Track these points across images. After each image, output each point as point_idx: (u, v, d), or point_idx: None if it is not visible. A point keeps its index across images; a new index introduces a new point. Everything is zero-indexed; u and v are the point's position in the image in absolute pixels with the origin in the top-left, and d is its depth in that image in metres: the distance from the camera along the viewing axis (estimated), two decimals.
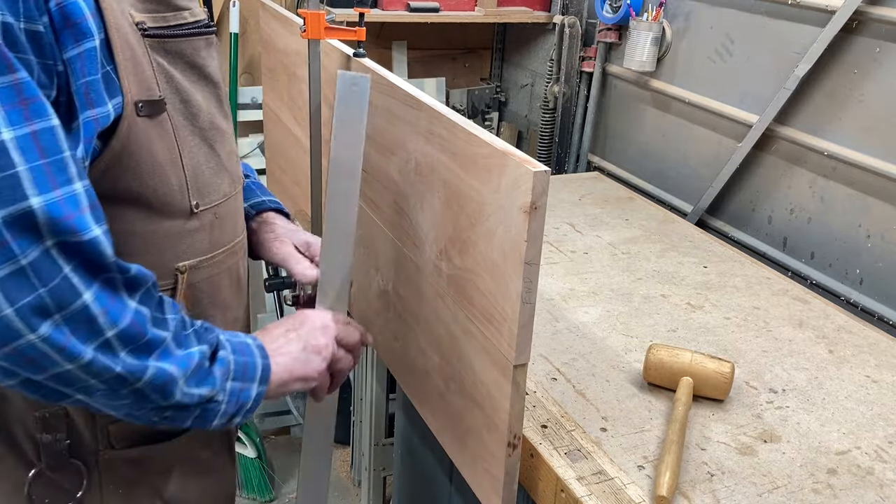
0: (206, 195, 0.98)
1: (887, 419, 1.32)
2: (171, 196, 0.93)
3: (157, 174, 0.90)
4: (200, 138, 0.96)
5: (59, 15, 0.76)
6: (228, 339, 0.91)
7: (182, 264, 0.97)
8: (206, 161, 0.98)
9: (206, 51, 0.97)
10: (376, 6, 2.53)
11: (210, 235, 1.00)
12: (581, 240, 1.94)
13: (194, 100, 0.95)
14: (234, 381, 0.88)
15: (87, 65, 0.79)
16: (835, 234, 1.83)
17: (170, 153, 0.91)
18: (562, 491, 1.13)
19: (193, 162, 0.95)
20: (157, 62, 0.89)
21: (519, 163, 0.91)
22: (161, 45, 0.90)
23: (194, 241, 0.98)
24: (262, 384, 0.92)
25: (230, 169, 1.04)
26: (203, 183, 0.97)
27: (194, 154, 0.95)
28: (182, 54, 0.93)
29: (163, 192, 0.92)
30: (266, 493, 2.69)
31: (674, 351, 1.34)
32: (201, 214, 0.97)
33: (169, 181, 0.92)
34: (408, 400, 1.40)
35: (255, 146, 2.73)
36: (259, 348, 0.93)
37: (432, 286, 1.18)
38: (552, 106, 2.63)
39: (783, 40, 1.89)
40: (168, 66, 0.91)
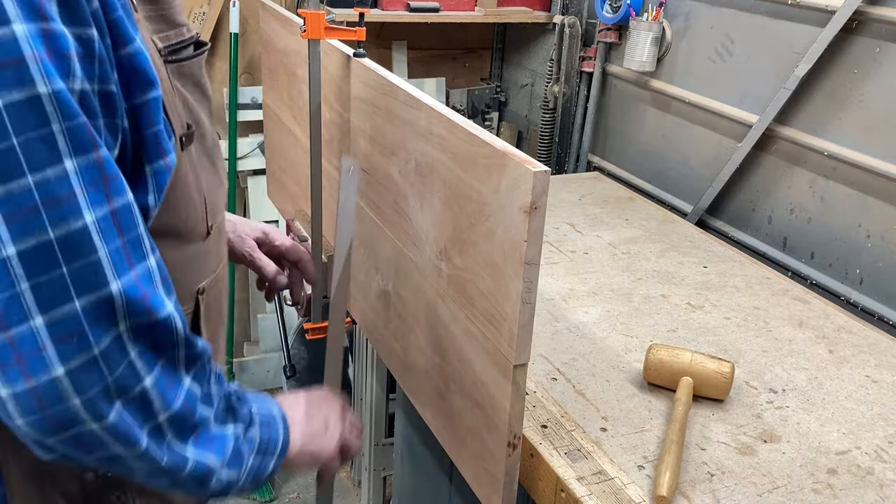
0: (216, 215, 0.97)
1: (887, 419, 1.32)
2: (196, 222, 0.91)
3: (190, 202, 0.88)
4: (207, 158, 0.94)
5: (129, 65, 0.73)
6: (257, 408, 0.89)
7: (200, 286, 0.96)
8: (212, 179, 0.96)
9: (204, 68, 0.95)
10: (376, 6, 2.53)
11: (217, 252, 1.00)
12: (581, 240, 1.94)
13: (202, 120, 0.92)
14: (256, 455, 0.87)
15: (154, 113, 0.76)
16: (835, 234, 1.83)
17: (195, 180, 0.89)
18: (562, 491, 1.13)
19: (207, 185, 0.94)
20: (177, 88, 0.87)
21: (519, 163, 0.91)
22: (178, 69, 0.87)
23: (207, 261, 0.97)
24: (280, 457, 0.91)
25: (224, 182, 1.03)
26: (213, 203, 0.96)
27: (207, 175, 0.94)
28: (191, 75, 0.90)
29: (192, 218, 0.90)
30: (266, 492, 2.69)
31: (674, 351, 1.34)
32: (212, 234, 0.96)
33: (196, 208, 0.90)
34: (408, 400, 1.40)
35: (255, 146, 2.73)
36: (283, 419, 0.92)
37: (432, 286, 1.18)
38: (552, 106, 2.63)
39: (783, 40, 1.89)
40: (182, 89, 0.88)
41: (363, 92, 1.33)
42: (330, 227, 1.62)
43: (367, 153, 1.36)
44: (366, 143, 1.36)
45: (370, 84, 1.30)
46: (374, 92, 1.29)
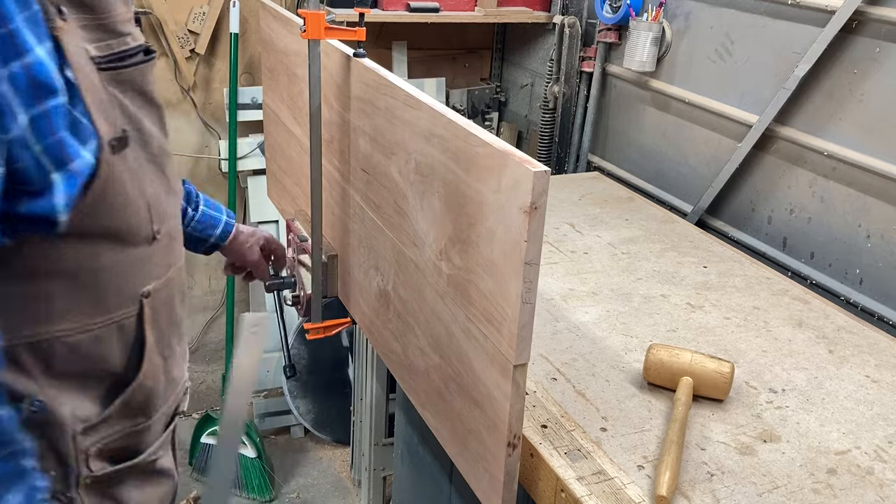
0: (163, 219, 0.99)
1: (887, 419, 1.32)
2: (139, 226, 0.94)
3: (129, 207, 0.91)
4: (154, 165, 0.97)
5: (24, 78, 0.74)
6: None
7: (145, 289, 0.98)
8: (160, 185, 0.99)
9: (150, 76, 0.97)
10: (376, 6, 2.53)
11: (166, 257, 1.02)
12: (581, 240, 1.94)
13: (145, 127, 0.94)
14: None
15: (54, 121, 0.78)
16: (835, 234, 1.83)
17: (136, 185, 0.92)
18: (562, 491, 1.13)
19: (152, 189, 0.96)
20: (113, 94, 0.88)
21: (519, 163, 0.91)
22: (114, 76, 0.88)
23: (153, 264, 0.99)
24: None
25: (176, 189, 1.05)
26: (161, 208, 0.98)
27: (152, 180, 0.96)
28: (132, 83, 0.92)
29: (133, 223, 0.93)
30: (266, 492, 2.69)
31: (674, 351, 1.34)
32: (160, 238, 0.99)
33: (138, 213, 0.93)
34: (408, 400, 1.40)
35: (255, 146, 2.73)
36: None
37: (432, 286, 1.18)
38: (552, 106, 2.63)
39: (783, 40, 1.89)
40: (121, 96, 0.90)
41: (363, 92, 1.33)
42: (330, 227, 1.62)
43: (367, 153, 1.36)
44: (366, 143, 1.36)
45: (370, 84, 1.30)
46: (374, 92, 1.29)
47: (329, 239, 1.64)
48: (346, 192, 1.50)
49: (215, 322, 3.01)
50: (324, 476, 2.84)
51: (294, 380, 2.80)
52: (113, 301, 0.95)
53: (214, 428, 2.74)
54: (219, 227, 1.42)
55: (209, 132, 2.76)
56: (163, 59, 2.61)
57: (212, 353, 3.06)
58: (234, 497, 1.05)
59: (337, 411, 2.85)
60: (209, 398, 3.11)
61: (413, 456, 1.88)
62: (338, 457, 2.93)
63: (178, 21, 2.56)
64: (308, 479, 2.83)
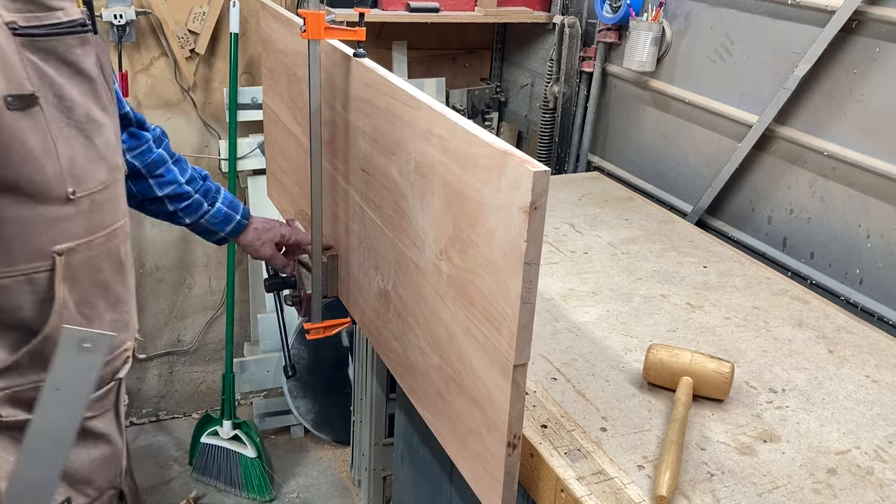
0: (82, 182, 1.05)
1: (887, 419, 1.32)
2: (47, 184, 1.00)
3: (31, 163, 0.98)
4: (77, 130, 1.03)
5: None
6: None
7: (59, 247, 1.04)
8: (83, 151, 1.05)
9: (80, 48, 1.03)
10: (376, 6, 2.53)
11: (88, 220, 1.07)
12: (581, 240, 1.94)
13: (68, 94, 1.01)
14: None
15: None
16: (835, 234, 1.83)
17: (44, 143, 0.98)
18: (562, 491, 1.13)
19: (70, 152, 1.02)
20: (29, 59, 0.96)
21: (519, 163, 0.91)
22: (32, 43, 0.96)
23: (71, 225, 1.05)
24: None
25: (108, 158, 1.11)
26: (80, 171, 1.04)
27: (70, 145, 1.02)
28: (54, 51, 0.99)
29: (38, 179, 0.99)
30: (266, 492, 2.69)
31: (674, 351, 1.34)
32: (78, 201, 1.04)
33: (44, 170, 0.99)
34: (408, 400, 1.40)
35: (255, 146, 2.73)
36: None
37: (432, 286, 1.18)
38: (552, 106, 2.63)
39: (783, 40, 1.89)
40: (41, 62, 0.97)
41: (363, 92, 1.33)
42: (330, 227, 1.62)
43: (367, 153, 1.36)
44: (366, 143, 1.36)
45: (370, 84, 1.30)
46: (374, 92, 1.29)
47: (329, 239, 1.64)
48: (346, 192, 1.50)
49: (215, 322, 3.01)
50: (324, 476, 2.84)
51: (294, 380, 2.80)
52: (20, 254, 1.01)
53: (215, 428, 2.75)
54: (231, 224, 1.53)
55: (209, 132, 2.76)
56: (163, 59, 2.61)
57: (212, 352, 3.06)
58: None
59: (337, 411, 2.85)
60: (209, 398, 3.11)
61: (413, 456, 1.88)
62: (338, 457, 2.93)
63: (178, 21, 2.56)
64: (308, 479, 2.83)
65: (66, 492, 1.16)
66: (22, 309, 1.04)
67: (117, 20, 2.42)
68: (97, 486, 1.21)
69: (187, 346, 3.02)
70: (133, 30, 2.50)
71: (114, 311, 1.18)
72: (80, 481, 1.18)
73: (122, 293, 1.19)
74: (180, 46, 2.57)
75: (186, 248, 2.88)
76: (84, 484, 1.19)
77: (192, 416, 3.09)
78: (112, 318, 1.18)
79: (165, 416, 3.07)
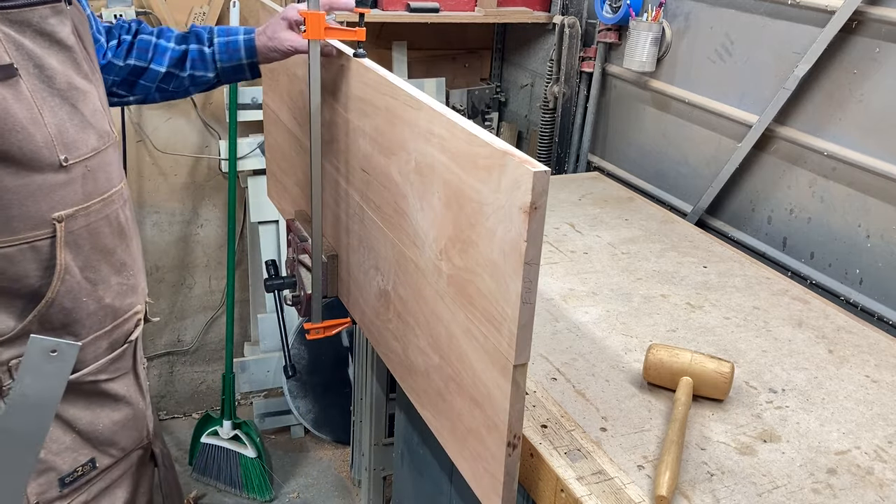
0: (73, 150, 1.08)
1: (887, 419, 1.32)
2: (38, 152, 1.03)
3: (19, 132, 1.00)
4: (60, 98, 1.06)
5: None
6: None
7: (58, 214, 1.07)
8: (70, 119, 1.07)
9: (54, 18, 1.05)
10: (376, 6, 2.53)
11: (83, 187, 1.10)
12: (581, 240, 1.94)
13: (48, 64, 1.04)
14: None
15: None
16: (835, 234, 1.83)
17: (29, 112, 1.01)
18: (562, 491, 1.13)
19: (56, 120, 1.05)
20: (4, 32, 0.99)
21: (519, 163, 0.91)
22: (6, 15, 0.99)
23: (67, 192, 1.08)
24: None
25: (96, 125, 1.13)
26: (70, 139, 1.07)
27: (56, 112, 1.05)
28: (29, 23, 1.01)
29: (29, 148, 1.01)
30: (266, 492, 2.69)
31: (674, 351, 1.34)
32: (71, 168, 1.07)
33: (34, 139, 1.02)
34: (408, 400, 1.40)
35: (255, 146, 2.73)
36: None
37: (432, 286, 1.18)
38: (552, 106, 2.63)
39: (783, 40, 1.89)
40: (16, 34, 1.00)
41: (363, 92, 1.34)
42: (330, 227, 1.62)
43: (367, 153, 1.36)
44: (366, 143, 1.36)
45: (370, 84, 1.30)
46: (374, 92, 1.29)
47: (329, 239, 1.64)
48: (346, 192, 1.50)
49: (215, 322, 3.02)
50: (324, 476, 2.84)
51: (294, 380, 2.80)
52: (20, 223, 1.04)
53: (215, 428, 2.75)
54: (241, 48, 1.44)
55: (209, 132, 2.76)
56: None
57: (212, 352, 3.06)
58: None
59: (337, 411, 2.85)
60: (209, 398, 3.11)
61: (413, 456, 1.88)
62: (338, 457, 2.93)
63: (178, 21, 2.56)
64: (308, 478, 2.83)
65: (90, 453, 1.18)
66: (28, 276, 1.08)
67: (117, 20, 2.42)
68: (121, 447, 1.25)
69: (187, 346, 3.02)
70: None
71: (119, 275, 1.21)
72: (103, 443, 1.22)
73: (126, 258, 1.22)
74: None
75: (186, 248, 2.89)
76: (108, 445, 1.23)
77: (192, 416, 3.10)
78: (118, 282, 1.21)
79: (165, 416, 3.07)
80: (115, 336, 1.22)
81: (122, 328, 1.23)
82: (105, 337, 1.20)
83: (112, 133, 1.20)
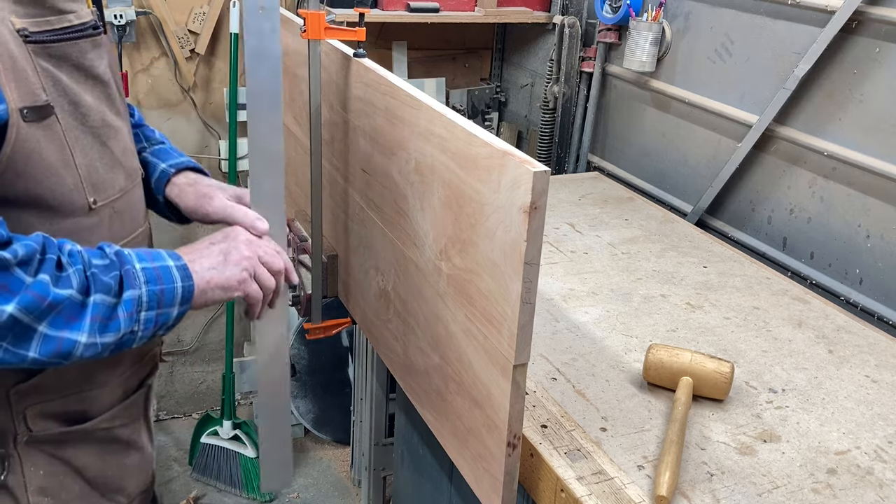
0: (102, 191, 1.02)
1: (887, 419, 1.32)
2: (68, 195, 0.97)
3: (52, 176, 0.94)
4: (92, 137, 1.00)
5: None
6: (144, 267, 0.95)
7: None
8: (100, 158, 1.01)
9: (93, 52, 0.99)
10: (376, 6, 2.53)
11: (109, 230, 1.04)
12: (581, 240, 1.94)
13: (83, 100, 0.98)
14: (149, 311, 0.94)
15: None
16: (835, 234, 1.83)
17: (61, 154, 0.95)
18: (562, 491, 1.13)
19: (87, 160, 0.99)
20: (42, 67, 0.92)
21: (519, 163, 0.91)
22: (45, 49, 0.92)
23: (93, 236, 1.01)
24: (183, 304, 0.97)
25: (125, 164, 1.07)
26: (98, 179, 1.01)
27: (87, 153, 0.99)
28: (68, 57, 0.95)
29: (59, 192, 0.96)
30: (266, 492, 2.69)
31: (674, 351, 1.34)
32: (99, 210, 1.01)
33: (64, 181, 0.96)
34: (408, 400, 1.40)
35: None
36: (181, 269, 0.97)
37: (432, 286, 1.18)
38: (552, 106, 2.63)
39: (783, 40, 1.89)
40: (54, 69, 0.94)
41: (363, 92, 1.34)
42: (330, 227, 1.62)
43: (367, 153, 1.36)
44: (366, 143, 1.36)
45: (370, 84, 1.30)
46: (374, 92, 1.29)
47: (329, 239, 1.64)
48: (346, 192, 1.50)
49: (215, 322, 3.02)
50: (324, 476, 2.84)
51: (294, 380, 2.81)
52: None
53: (215, 428, 2.75)
54: (170, 159, 1.24)
55: (209, 132, 2.76)
56: (163, 60, 2.61)
57: (212, 353, 3.06)
58: None
59: (337, 411, 2.85)
60: (209, 398, 3.11)
61: (413, 456, 1.88)
62: (338, 457, 2.93)
63: (178, 21, 2.56)
64: (308, 479, 2.83)
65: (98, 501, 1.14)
66: None
67: (117, 20, 2.42)
68: (128, 492, 1.19)
69: (187, 346, 3.02)
70: (133, 30, 2.50)
71: None
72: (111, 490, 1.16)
73: None
74: (180, 46, 2.57)
75: None
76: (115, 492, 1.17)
77: (192, 416, 3.09)
78: None
79: (165, 416, 3.07)
80: (130, 382, 1.17)
81: (139, 373, 1.18)
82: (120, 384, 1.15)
83: (139, 171, 1.15)
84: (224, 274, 1.01)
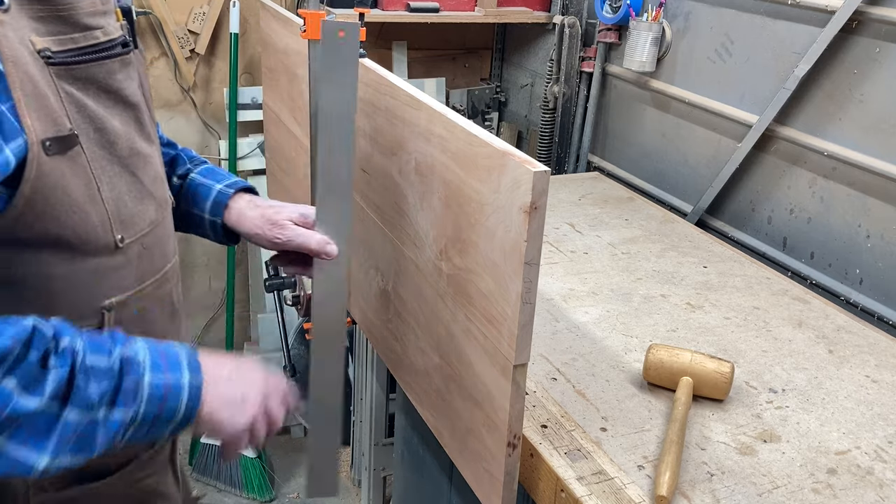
0: (130, 227, 0.92)
1: (887, 419, 1.32)
2: (93, 233, 0.86)
3: (76, 213, 0.84)
4: (121, 167, 0.90)
5: None
6: (152, 382, 0.82)
7: (108, 302, 0.91)
8: (129, 190, 0.91)
9: (122, 73, 0.89)
10: (376, 6, 2.53)
11: (137, 268, 0.94)
12: (581, 240, 1.94)
13: (111, 126, 0.87)
14: (139, 428, 0.82)
15: None
16: (835, 234, 1.83)
17: (87, 188, 0.85)
18: (562, 491, 1.13)
19: (115, 193, 0.89)
20: (66, 91, 0.82)
21: (519, 163, 0.91)
22: (68, 72, 0.82)
23: (120, 276, 0.92)
24: (182, 423, 0.86)
25: (156, 194, 0.98)
26: (127, 215, 0.91)
27: (115, 185, 0.89)
28: (94, 79, 0.85)
29: (83, 230, 0.85)
30: (266, 492, 2.69)
31: (674, 351, 1.34)
32: (126, 248, 0.91)
33: (89, 218, 0.85)
34: (408, 400, 1.40)
35: (255, 146, 2.73)
36: (193, 390, 0.85)
37: (432, 286, 1.18)
38: (552, 106, 2.63)
39: (783, 40, 1.89)
40: (78, 93, 0.83)
41: (363, 92, 1.33)
42: None
43: (367, 153, 1.36)
44: (366, 143, 1.36)
45: (370, 84, 1.30)
46: (375, 92, 1.29)
47: None
48: None
49: (215, 322, 3.01)
50: None
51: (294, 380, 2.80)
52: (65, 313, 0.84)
53: None
54: (224, 179, 1.18)
55: (209, 132, 2.76)
56: (163, 60, 2.61)
57: None
58: None
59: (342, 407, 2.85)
60: None
61: (413, 456, 1.88)
62: None
63: (178, 21, 2.56)
64: None
65: None
66: None
67: None
68: None
69: None
70: None
71: None
72: None
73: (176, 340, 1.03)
74: (180, 46, 2.57)
75: (187, 248, 2.88)
76: None
77: None
78: None
79: None
80: None
81: None
82: None
83: (170, 200, 1.05)
84: (233, 418, 0.89)
